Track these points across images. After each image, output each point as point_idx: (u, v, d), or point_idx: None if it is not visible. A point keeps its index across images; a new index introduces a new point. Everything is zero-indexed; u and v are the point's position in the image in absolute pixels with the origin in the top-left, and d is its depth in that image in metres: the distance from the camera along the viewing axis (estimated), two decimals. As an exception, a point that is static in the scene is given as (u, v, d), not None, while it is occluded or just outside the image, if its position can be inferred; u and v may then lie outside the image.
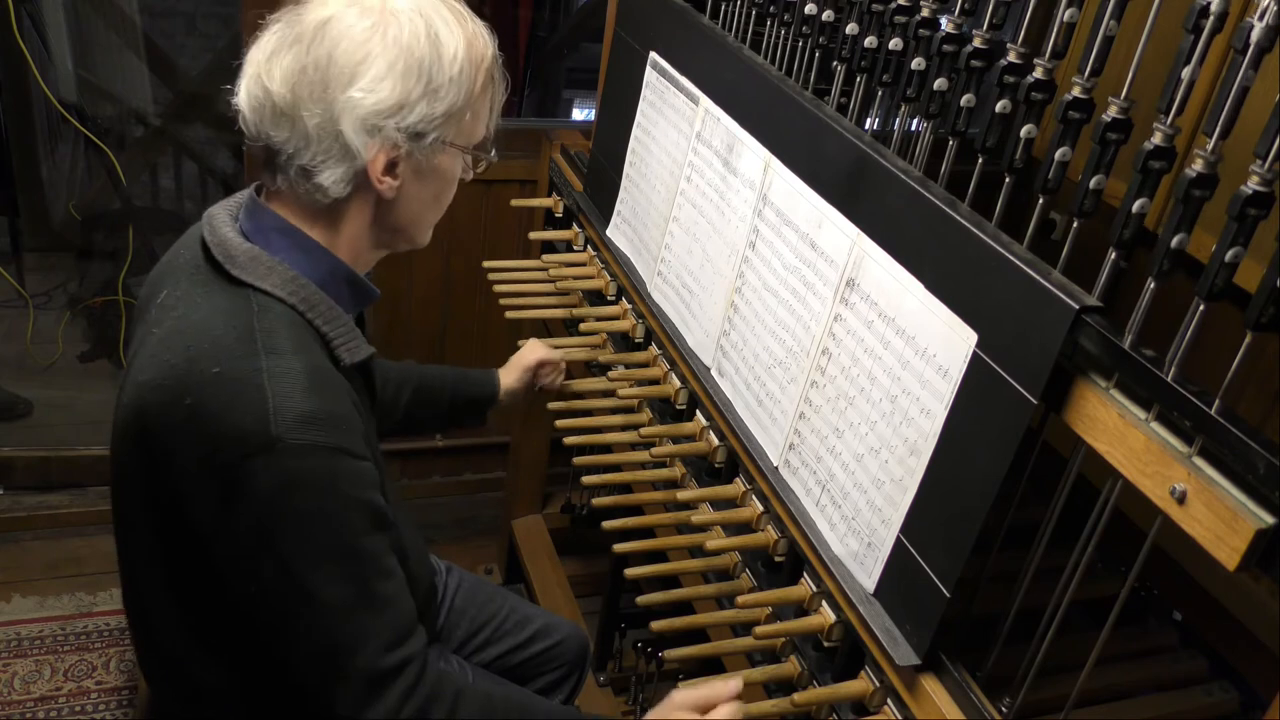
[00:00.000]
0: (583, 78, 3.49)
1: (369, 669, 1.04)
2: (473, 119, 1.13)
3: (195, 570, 1.10)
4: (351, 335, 1.12)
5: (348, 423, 1.04)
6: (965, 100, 1.16)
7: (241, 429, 0.99)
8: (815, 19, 1.42)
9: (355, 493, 1.03)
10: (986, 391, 1.02)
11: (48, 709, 2.14)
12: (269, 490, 0.99)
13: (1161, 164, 0.92)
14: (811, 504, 1.27)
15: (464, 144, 1.13)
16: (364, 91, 1.03)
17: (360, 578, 1.04)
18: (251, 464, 0.98)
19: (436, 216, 1.20)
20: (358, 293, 1.17)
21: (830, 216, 1.27)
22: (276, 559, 1.01)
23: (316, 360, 1.06)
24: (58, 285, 3.12)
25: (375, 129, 1.05)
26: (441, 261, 2.53)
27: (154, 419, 1.05)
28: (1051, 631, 1.04)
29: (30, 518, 2.55)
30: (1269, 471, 0.80)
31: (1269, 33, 0.83)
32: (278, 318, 1.06)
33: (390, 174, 1.09)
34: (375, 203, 1.12)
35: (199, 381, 1.02)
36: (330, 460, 1.01)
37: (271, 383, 1.00)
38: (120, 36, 2.80)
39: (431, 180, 1.14)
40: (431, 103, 1.06)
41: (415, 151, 1.08)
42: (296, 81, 1.04)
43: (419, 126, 1.07)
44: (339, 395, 1.06)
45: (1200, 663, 1.39)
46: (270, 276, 1.07)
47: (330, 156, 1.06)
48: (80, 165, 3.11)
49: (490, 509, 2.78)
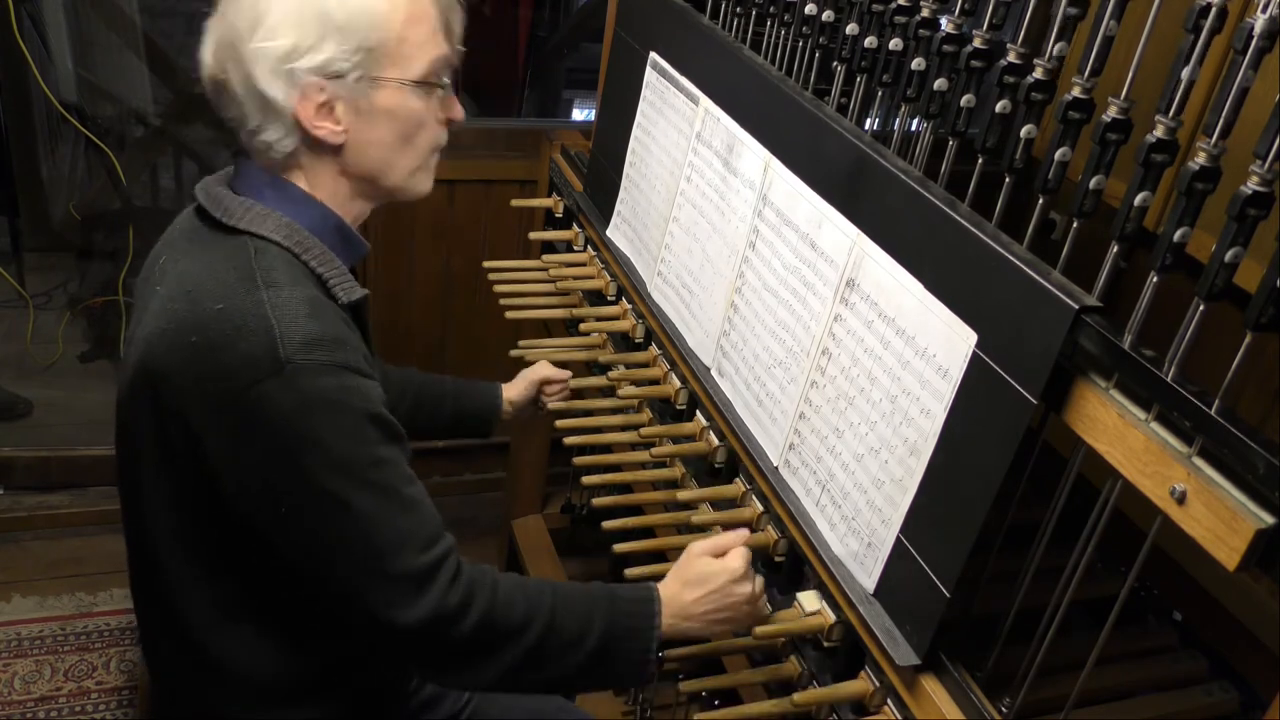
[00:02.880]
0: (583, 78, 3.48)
1: (410, 569, 1.07)
2: (409, 49, 1.12)
3: (217, 526, 1.12)
4: (345, 276, 1.14)
5: (350, 344, 1.07)
6: (965, 100, 1.16)
7: (250, 356, 1.01)
8: (815, 19, 1.42)
9: (366, 406, 1.06)
10: (986, 391, 1.02)
11: (48, 709, 2.14)
12: (285, 411, 1.01)
13: (1164, 158, 0.92)
14: (811, 504, 1.27)
15: (405, 77, 1.12)
16: (265, 40, 1.06)
17: (386, 483, 1.07)
18: (264, 388, 1.01)
19: (413, 160, 1.19)
20: (348, 243, 1.19)
21: (830, 217, 1.27)
22: (302, 477, 1.03)
23: (313, 293, 1.09)
24: (58, 285, 3.11)
25: (288, 75, 1.07)
26: (441, 261, 2.53)
27: (162, 364, 1.07)
28: (1051, 631, 1.04)
29: (30, 518, 2.55)
30: (1269, 471, 0.80)
31: (1269, 33, 0.83)
32: (274, 257, 1.09)
33: (329, 119, 1.10)
34: (333, 151, 1.13)
35: (203, 319, 1.05)
36: (339, 377, 1.04)
37: (274, 311, 1.03)
38: (120, 36, 2.80)
39: (383, 121, 1.13)
40: (340, 39, 1.07)
41: (344, 92, 1.09)
42: (216, 49, 1.10)
43: (334, 66, 1.07)
44: (336, 321, 1.09)
45: (1200, 663, 1.39)
46: (265, 222, 1.11)
47: (263, 114, 1.09)
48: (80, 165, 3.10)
49: (490, 509, 2.78)
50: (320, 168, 1.15)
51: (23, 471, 2.60)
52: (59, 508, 2.57)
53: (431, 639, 1.10)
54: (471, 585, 1.11)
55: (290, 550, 1.09)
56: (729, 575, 1.20)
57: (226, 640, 1.18)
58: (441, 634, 1.10)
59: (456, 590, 1.10)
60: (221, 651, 1.18)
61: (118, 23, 2.78)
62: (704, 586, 1.20)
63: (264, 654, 1.19)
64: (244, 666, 1.19)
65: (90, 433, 2.61)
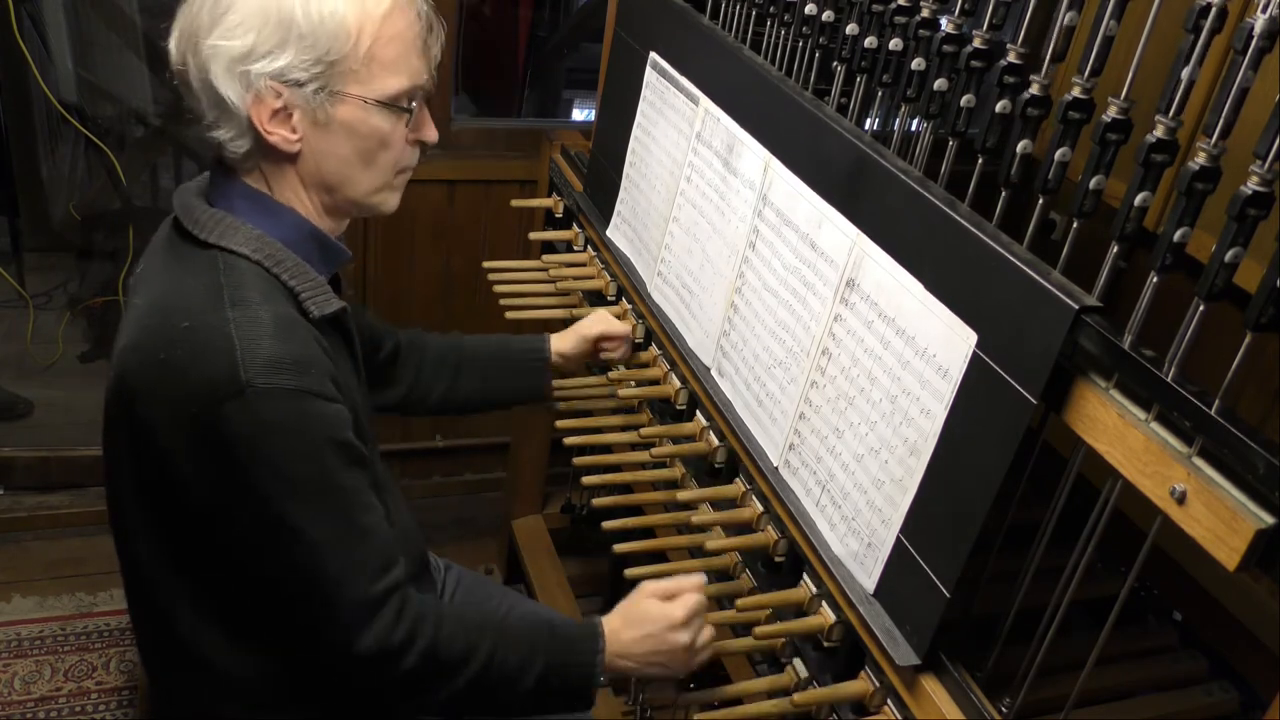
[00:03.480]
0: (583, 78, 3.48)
1: (357, 598, 1.07)
2: (378, 69, 1.09)
3: (189, 535, 1.12)
4: (320, 289, 1.13)
5: (316, 365, 1.06)
6: (965, 100, 1.16)
7: (211, 378, 1.01)
8: (815, 19, 1.42)
9: (327, 432, 1.06)
10: (986, 392, 1.02)
11: (48, 709, 2.14)
12: (243, 434, 1.01)
13: (1164, 158, 0.92)
14: (811, 504, 1.27)
15: (367, 95, 1.09)
16: (224, 38, 1.04)
17: (340, 511, 1.07)
18: (223, 410, 1.01)
19: (376, 178, 1.16)
20: (326, 252, 1.18)
21: (830, 217, 1.27)
22: (259, 500, 1.03)
23: (283, 310, 1.08)
24: (58, 285, 3.11)
25: (243, 76, 1.05)
26: (441, 261, 2.53)
27: (133, 379, 1.08)
28: (1051, 631, 1.04)
29: (30, 518, 2.55)
30: (1269, 471, 0.80)
31: (1269, 33, 0.83)
32: (243, 273, 1.09)
33: (284, 126, 1.08)
34: (289, 159, 1.11)
35: (170, 337, 1.05)
36: (299, 403, 1.03)
37: (238, 330, 1.03)
38: (120, 36, 2.79)
39: (341, 135, 1.11)
40: (301, 49, 1.05)
41: (301, 101, 1.07)
42: (178, 38, 1.09)
43: (293, 74, 1.05)
44: (306, 340, 1.08)
45: (1200, 663, 1.39)
46: (234, 236, 1.10)
47: (218, 111, 1.08)
48: (80, 165, 3.10)
49: (490, 509, 2.78)
50: (279, 175, 1.13)
51: (23, 471, 2.60)
52: (59, 508, 2.57)
53: (375, 670, 1.11)
54: (416, 620, 1.11)
55: (248, 568, 1.10)
56: (667, 622, 1.21)
57: (210, 642, 1.18)
58: (385, 666, 1.10)
59: (402, 624, 1.10)
60: (208, 652, 1.18)
61: (118, 23, 2.78)
62: (642, 628, 1.21)
63: (247, 656, 1.19)
64: (231, 667, 1.19)
65: (90, 433, 2.59)
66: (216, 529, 1.08)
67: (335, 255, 1.20)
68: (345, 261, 1.22)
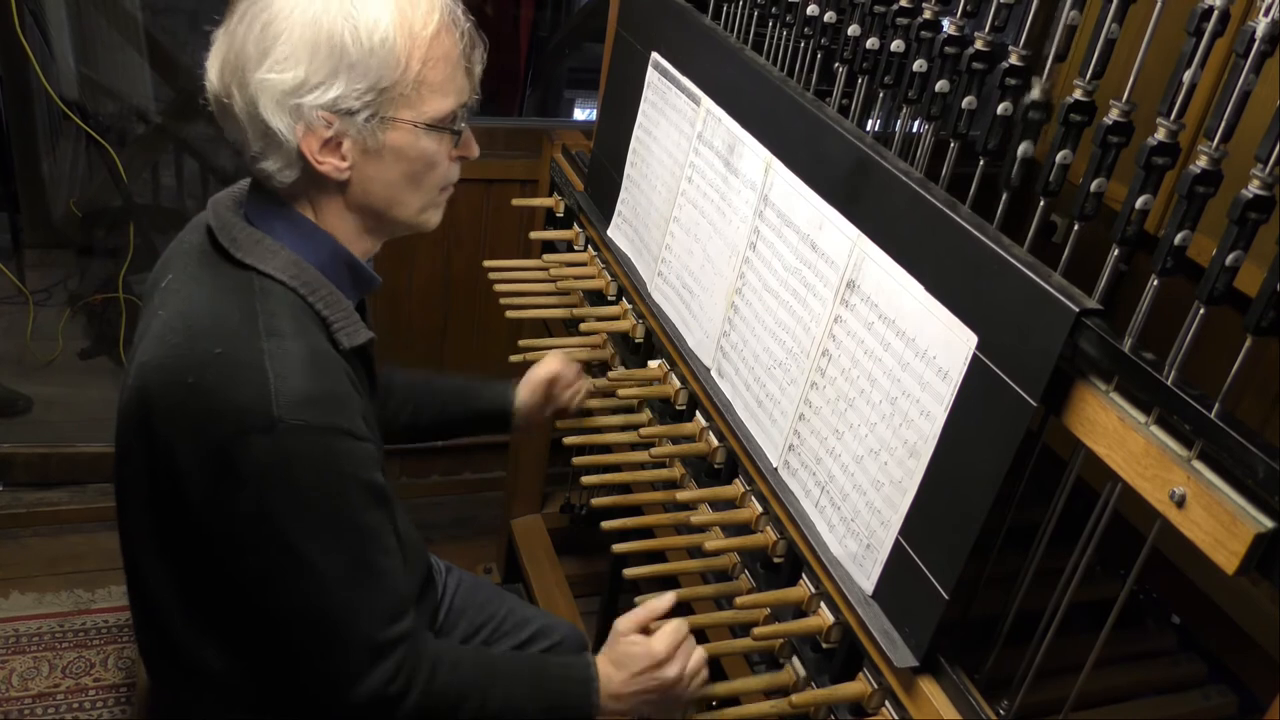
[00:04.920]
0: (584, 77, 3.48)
1: (362, 642, 1.06)
2: (427, 92, 1.08)
3: (196, 554, 1.11)
4: (351, 319, 1.12)
5: (348, 403, 1.05)
6: (967, 102, 1.16)
7: (242, 408, 1.00)
8: (817, 20, 1.42)
9: (354, 471, 1.04)
10: (986, 394, 1.02)
11: (46, 706, 2.14)
12: (268, 468, 1.00)
13: (1165, 161, 0.92)
14: (810, 505, 1.27)
15: (418, 119, 1.08)
16: (274, 71, 1.02)
17: (359, 552, 1.06)
18: (251, 442, 0.99)
19: (423, 198, 1.16)
20: (358, 278, 1.17)
21: (831, 218, 1.27)
22: (276, 534, 1.02)
23: (316, 343, 1.07)
24: (58, 282, 3.11)
25: (294, 109, 1.02)
26: (441, 261, 2.53)
27: (156, 398, 1.06)
28: (1050, 634, 1.04)
29: (29, 514, 2.55)
30: (1268, 475, 0.80)
31: (1271, 36, 0.83)
32: (279, 300, 1.07)
33: (334, 155, 1.06)
34: (337, 187, 1.10)
35: (201, 361, 1.03)
36: (330, 440, 1.02)
37: (273, 363, 1.01)
38: (122, 34, 2.80)
39: (391, 160, 1.09)
40: (352, 78, 1.03)
41: (353, 130, 1.05)
42: (222, 71, 1.05)
43: (345, 103, 1.03)
44: (339, 376, 1.07)
45: (1199, 666, 1.39)
46: (273, 260, 1.08)
47: (266, 142, 1.05)
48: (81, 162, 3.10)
49: (489, 508, 2.78)
50: (326, 201, 1.11)
51: (22, 468, 2.60)
52: (58, 504, 2.57)
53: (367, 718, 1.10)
54: (414, 671, 1.11)
55: (254, 597, 1.08)
56: (651, 660, 1.21)
57: (208, 652, 1.17)
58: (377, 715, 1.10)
59: (401, 676, 1.09)
60: (209, 662, 1.18)
61: (119, 20, 2.78)
62: (628, 669, 1.21)
63: (249, 666, 1.18)
64: (230, 675, 1.19)
65: (90, 430, 2.61)
66: (226, 556, 1.07)
67: (366, 282, 1.18)
68: (375, 288, 1.21)
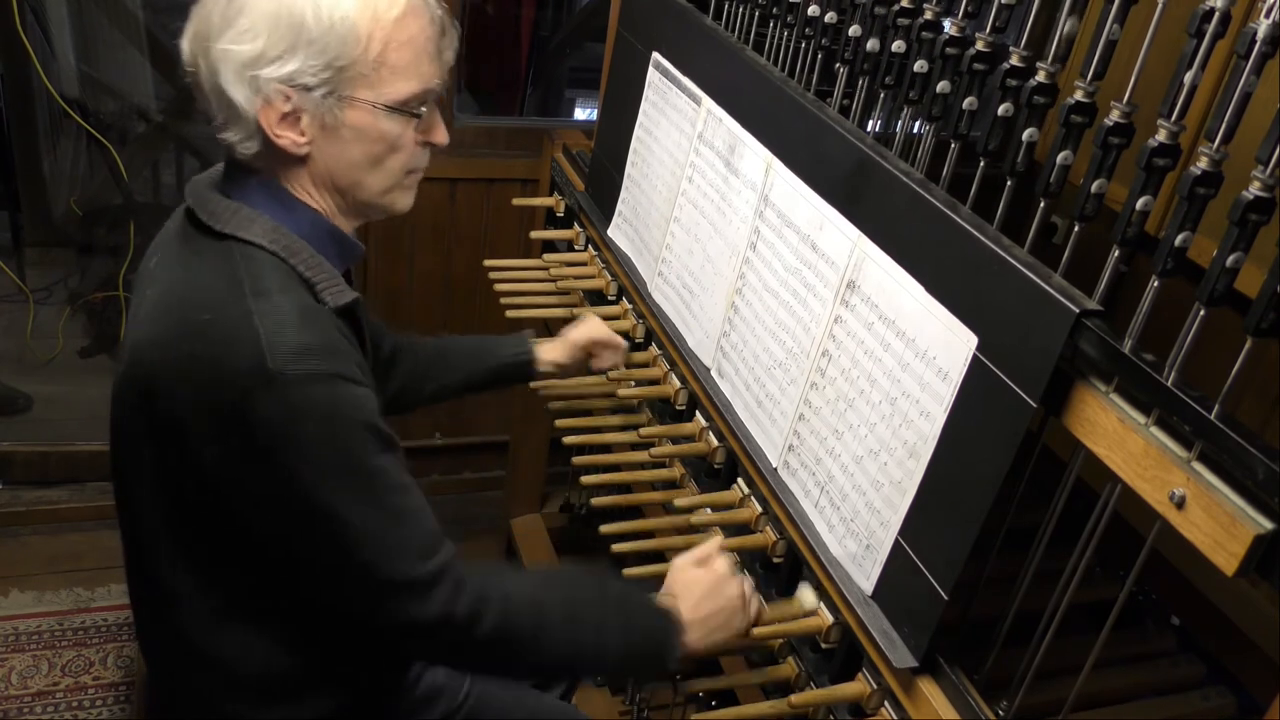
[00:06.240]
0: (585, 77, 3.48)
1: (406, 580, 1.07)
2: (388, 74, 1.08)
3: (211, 531, 1.11)
4: (335, 280, 1.13)
5: (342, 351, 1.06)
6: (967, 103, 1.16)
7: (239, 369, 1.00)
8: (818, 21, 1.42)
9: (358, 416, 1.05)
10: (986, 394, 1.02)
11: (45, 704, 2.14)
12: (275, 423, 1.00)
13: (1166, 162, 0.92)
14: (810, 505, 1.27)
15: (377, 100, 1.08)
16: (234, 43, 1.03)
17: (378, 495, 1.06)
18: (254, 400, 1.00)
19: (386, 179, 1.16)
20: (343, 247, 1.18)
21: (831, 218, 1.27)
22: (295, 490, 1.02)
23: (303, 299, 1.08)
24: (58, 280, 3.11)
25: (251, 80, 1.04)
26: (441, 261, 2.53)
27: (153, 374, 1.07)
28: (1049, 635, 1.04)
29: (29, 513, 2.55)
30: (1268, 477, 0.80)
31: (1272, 38, 0.83)
32: (261, 264, 1.08)
33: (293, 130, 1.08)
34: (299, 161, 1.11)
35: (193, 330, 1.04)
36: (330, 387, 1.03)
37: (262, 321, 1.02)
38: (123, 32, 2.80)
39: (351, 139, 1.10)
40: (310, 54, 1.04)
41: (310, 105, 1.06)
42: (191, 39, 1.08)
43: (301, 79, 1.04)
44: (328, 328, 1.07)
45: (1198, 667, 1.39)
46: (252, 227, 1.09)
47: (228, 113, 1.07)
48: (82, 160, 3.10)
49: (489, 508, 2.78)
50: (293, 175, 1.13)
51: (22, 466, 2.60)
52: (58, 503, 2.57)
53: (443, 645, 1.11)
54: (480, 595, 1.11)
55: (287, 560, 1.09)
56: (715, 578, 1.23)
57: (221, 638, 1.18)
58: (452, 641, 1.10)
59: (463, 600, 1.09)
60: (217, 649, 1.18)
61: (120, 18, 2.78)
62: (695, 593, 1.22)
63: (259, 652, 1.19)
64: (239, 664, 1.19)
65: (89, 428, 2.61)
66: (246, 520, 1.07)
67: (351, 251, 1.20)
68: (359, 256, 1.22)
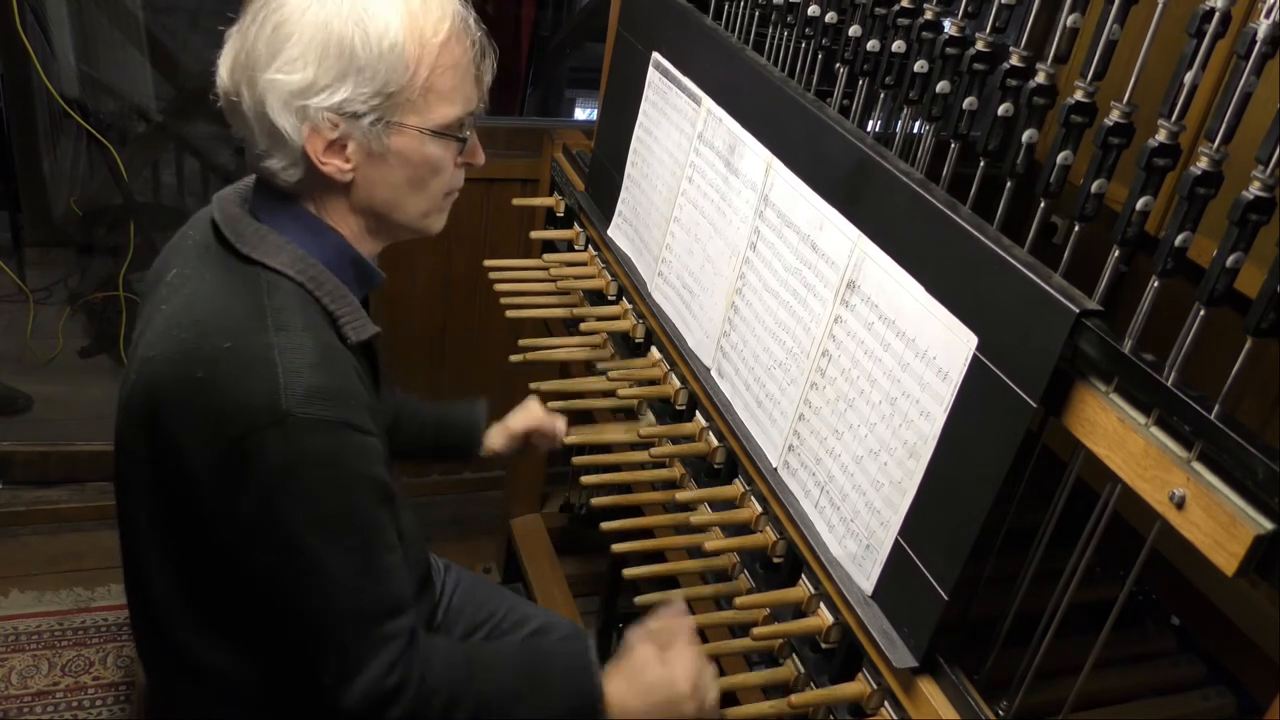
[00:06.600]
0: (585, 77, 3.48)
1: (361, 638, 1.06)
2: (434, 99, 1.08)
3: (200, 550, 1.11)
4: (357, 314, 1.13)
5: (355, 398, 1.06)
6: (968, 103, 1.16)
7: (251, 403, 1.00)
8: (818, 21, 1.42)
9: (361, 467, 1.05)
10: (986, 394, 1.02)
11: (45, 704, 2.14)
12: (277, 463, 1.00)
13: (1166, 162, 0.92)
14: (810, 505, 1.27)
15: (424, 126, 1.09)
16: (282, 72, 1.02)
17: (363, 549, 1.06)
18: (260, 437, 0.99)
19: (426, 203, 1.16)
20: (362, 275, 1.17)
21: (831, 218, 1.27)
22: (284, 530, 1.02)
23: (324, 337, 1.07)
24: (58, 280, 3.11)
25: (300, 110, 1.03)
26: (441, 261, 2.53)
27: (163, 393, 1.06)
28: (1049, 635, 1.04)
29: (29, 513, 2.55)
30: (1268, 477, 0.80)
31: (1272, 38, 0.83)
32: (287, 295, 1.07)
33: (338, 157, 1.07)
34: (341, 187, 1.11)
35: (210, 356, 1.03)
36: (337, 435, 1.02)
37: (282, 357, 1.01)
38: (123, 32, 2.80)
39: (395, 164, 1.10)
40: (359, 82, 1.03)
41: (358, 133, 1.06)
42: (233, 68, 1.07)
43: (351, 107, 1.04)
44: (346, 371, 1.07)
45: (1198, 667, 1.39)
46: (279, 255, 1.09)
47: (272, 141, 1.06)
48: (82, 160, 3.10)
49: (489, 508, 2.78)
50: (330, 200, 1.12)
51: (22, 466, 2.60)
52: (58, 503, 2.57)
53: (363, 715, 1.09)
54: (409, 667, 1.09)
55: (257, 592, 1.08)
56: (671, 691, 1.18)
57: (209, 649, 1.17)
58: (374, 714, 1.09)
59: (397, 671, 1.08)
60: (205, 659, 1.17)
61: (120, 18, 2.78)
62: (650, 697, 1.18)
63: (251, 665, 1.18)
64: (231, 675, 1.18)
65: (89, 428, 2.61)
66: (232, 551, 1.07)
67: (370, 278, 1.19)
68: (378, 283, 1.21)
